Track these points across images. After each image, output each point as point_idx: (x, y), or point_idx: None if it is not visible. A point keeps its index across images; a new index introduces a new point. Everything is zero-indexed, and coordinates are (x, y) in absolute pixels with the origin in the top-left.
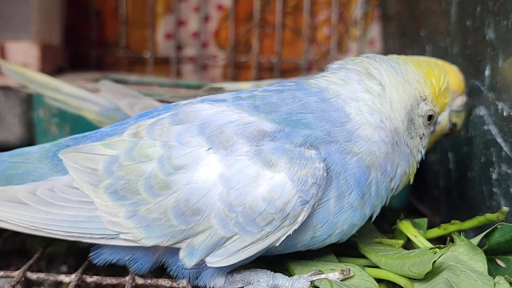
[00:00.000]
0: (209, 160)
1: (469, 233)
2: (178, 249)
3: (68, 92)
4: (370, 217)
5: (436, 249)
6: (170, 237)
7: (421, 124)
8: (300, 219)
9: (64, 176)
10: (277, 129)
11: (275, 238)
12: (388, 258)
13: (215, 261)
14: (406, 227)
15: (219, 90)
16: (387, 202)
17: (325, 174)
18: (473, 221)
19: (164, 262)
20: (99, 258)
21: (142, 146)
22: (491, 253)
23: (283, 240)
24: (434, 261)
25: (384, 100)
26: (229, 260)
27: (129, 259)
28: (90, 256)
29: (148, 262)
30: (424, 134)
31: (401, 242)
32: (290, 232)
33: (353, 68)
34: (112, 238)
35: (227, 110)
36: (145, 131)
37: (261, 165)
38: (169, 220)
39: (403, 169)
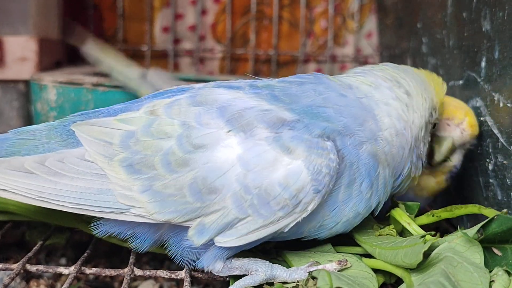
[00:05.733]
0: (228, 142)
1: (466, 224)
2: (181, 228)
3: (130, 75)
4: (373, 212)
5: (427, 236)
6: (183, 213)
7: (429, 131)
8: (310, 208)
9: (75, 149)
10: (296, 119)
11: (285, 223)
12: (382, 249)
13: (224, 241)
14: (399, 214)
15: None
16: (387, 198)
17: (337, 166)
18: (465, 209)
19: (165, 241)
20: (100, 229)
21: (160, 124)
22: (487, 242)
23: (292, 227)
24: (425, 252)
25: (411, 109)
26: (238, 241)
27: (130, 234)
28: (91, 226)
29: (150, 239)
30: (428, 140)
31: (394, 230)
32: (300, 219)
33: (381, 74)
34: (121, 213)
35: (246, 97)
36: (162, 109)
37: (279, 151)
38: (184, 197)
39: (410, 172)
